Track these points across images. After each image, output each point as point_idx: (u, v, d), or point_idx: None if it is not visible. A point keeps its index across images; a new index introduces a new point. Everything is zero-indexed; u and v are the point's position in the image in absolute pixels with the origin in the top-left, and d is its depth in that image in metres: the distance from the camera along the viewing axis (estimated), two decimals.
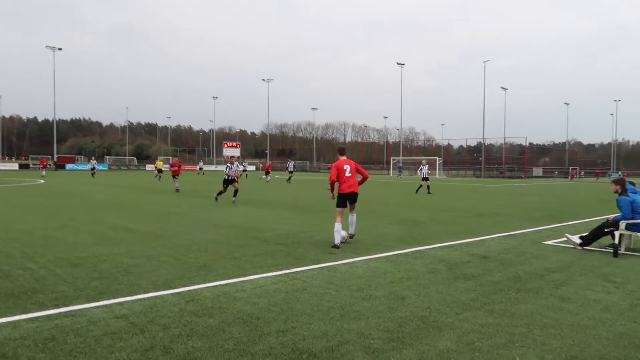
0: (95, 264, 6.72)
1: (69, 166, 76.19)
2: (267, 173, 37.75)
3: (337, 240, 8.33)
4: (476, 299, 5.31)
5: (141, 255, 7.43)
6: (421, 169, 26.12)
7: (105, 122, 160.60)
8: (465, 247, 8.62)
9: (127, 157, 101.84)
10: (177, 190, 23.03)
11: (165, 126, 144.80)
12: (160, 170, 37.40)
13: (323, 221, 12.19)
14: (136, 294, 5.23)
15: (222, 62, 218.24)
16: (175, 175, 24.78)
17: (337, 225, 8.39)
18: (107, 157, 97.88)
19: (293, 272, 6.41)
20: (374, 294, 5.40)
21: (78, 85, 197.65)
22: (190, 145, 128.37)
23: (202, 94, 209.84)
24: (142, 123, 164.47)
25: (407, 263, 7.16)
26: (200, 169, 65.71)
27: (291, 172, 38.65)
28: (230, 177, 17.66)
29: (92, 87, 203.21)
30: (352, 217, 8.92)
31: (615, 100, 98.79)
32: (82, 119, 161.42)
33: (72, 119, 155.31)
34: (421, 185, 25.35)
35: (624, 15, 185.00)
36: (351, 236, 8.91)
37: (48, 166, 48.67)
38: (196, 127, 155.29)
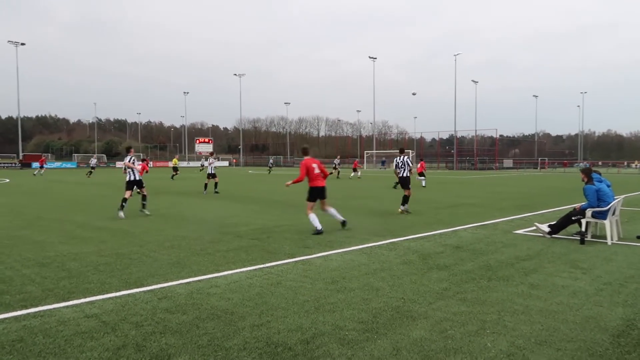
0: (63, 263, 6.56)
1: (35, 165, 73.95)
2: (354, 170, 38.64)
3: (318, 225, 9.09)
4: (449, 288, 5.39)
5: (111, 253, 7.28)
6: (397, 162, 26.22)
7: (72, 119, 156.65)
8: (439, 238, 8.74)
9: (95, 155, 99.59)
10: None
11: (135, 122, 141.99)
12: (176, 169, 35.92)
13: (298, 215, 12.17)
14: (107, 293, 5.13)
15: (193, 56, 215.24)
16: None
17: (312, 216, 9.20)
18: (75, 154, 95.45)
19: (267, 267, 6.38)
20: (349, 286, 5.42)
21: (43, 81, 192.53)
22: (161, 141, 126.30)
23: (172, 89, 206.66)
24: (111, 119, 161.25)
25: (382, 255, 7.22)
26: (202, 165, 64.40)
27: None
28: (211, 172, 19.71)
29: (58, 83, 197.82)
30: (331, 210, 9.69)
31: (581, 93, 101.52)
32: (48, 115, 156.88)
33: (37, 116, 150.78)
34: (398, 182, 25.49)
35: (589, 13, 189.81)
36: (344, 223, 9.72)
37: (45, 165, 47.00)
38: (167, 123, 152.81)
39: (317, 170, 9.54)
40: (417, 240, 8.54)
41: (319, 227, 9.08)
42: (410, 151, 71.20)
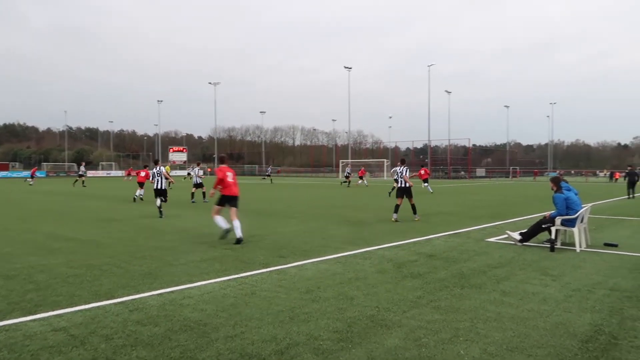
0: (31, 275, 6.37)
1: (1, 174, 71.97)
2: (361, 178, 40.10)
3: (223, 225, 9.33)
4: (423, 296, 5.43)
5: (81, 264, 7.11)
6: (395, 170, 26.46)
7: (42, 127, 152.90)
8: (413, 247, 8.82)
9: (66, 164, 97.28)
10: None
11: (107, 131, 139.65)
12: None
13: (272, 224, 12.13)
14: (76, 305, 5.00)
15: (167, 65, 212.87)
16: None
17: (217, 218, 9.50)
18: (45, 163, 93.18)
19: (242, 277, 6.32)
20: (323, 296, 5.41)
21: (11, 88, 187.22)
22: (134, 150, 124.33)
23: (146, 97, 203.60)
24: (82, 128, 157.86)
25: (356, 264, 7.23)
26: (189, 174, 64.28)
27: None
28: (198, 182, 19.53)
29: (27, 91, 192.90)
30: (236, 222, 9.27)
31: (551, 104, 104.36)
32: (16, 123, 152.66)
33: (5, 124, 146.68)
34: (394, 188, 25.76)
35: (556, 26, 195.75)
36: (239, 240, 9.09)
37: (36, 175, 47.06)
38: (140, 132, 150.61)
39: (230, 179, 9.65)
40: (392, 249, 8.60)
41: (225, 226, 9.28)
42: (385, 160, 72.05)
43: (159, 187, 15.13)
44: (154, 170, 15.56)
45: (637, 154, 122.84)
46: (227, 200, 9.67)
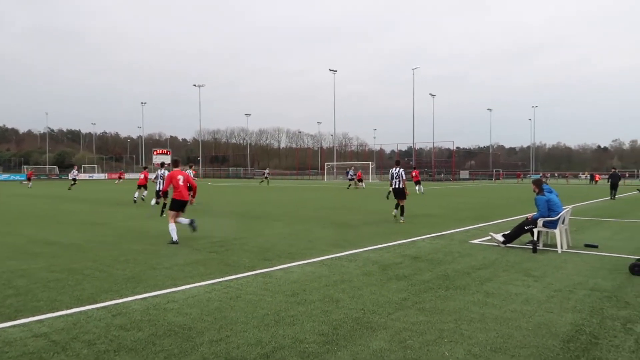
0: (10, 280, 6.25)
1: (22, 176, 70.57)
2: (360, 180, 41.84)
3: (175, 237, 9.40)
4: (408, 298, 5.46)
5: (63, 268, 7.00)
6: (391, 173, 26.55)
7: (22, 129, 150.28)
8: (398, 249, 8.86)
9: (47, 166, 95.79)
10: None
11: (90, 133, 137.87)
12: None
13: (257, 227, 12.09)
14: (58, 310, 4.92)
15: (151, 66, 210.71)
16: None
17: (171, 225, 9.55)
18: (25, 166, 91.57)
19: (227, 280, 6.29)
20: (309, 298, 5.41)
21: None
22: (117, 152, 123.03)
23: (129, 99, 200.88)
24: (64, 130, 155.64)
25: (342, 266, 7.24)
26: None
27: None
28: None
29: (7, 92, 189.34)
30: (187, 220, 9.76)
31: (532, 107, 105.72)
32: None
33: None
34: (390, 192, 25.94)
35: (537, 31, 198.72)
36: (193, 226, 9.74)
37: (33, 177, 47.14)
38: (123, 134, 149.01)
39: (181, 182, 9.83)
40: (377, 251, 8.63)
41: (175, 238, 9.38)
42: (370, 162, 72.35)
43: (159, 188, 16.13)
44: (159, 172, 16.53)
45: (617, 156, 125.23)
46: (179, 205, 9.87)
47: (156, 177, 16.83)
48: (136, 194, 21.44)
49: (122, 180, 55.65)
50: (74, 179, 38.72)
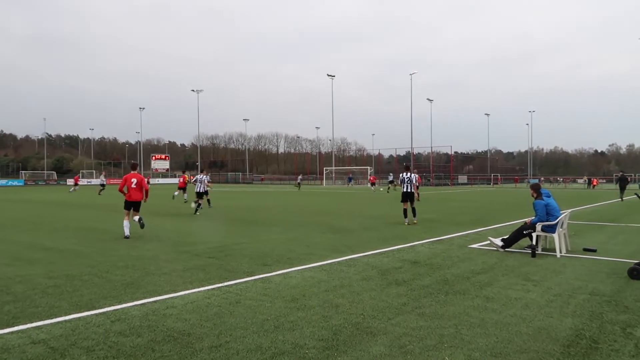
0: (8, 286, 6.22)
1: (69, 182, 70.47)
2: (372, 184, 43.94)
3: (127, 232, 10.92)
4: (407, 303, 5.45)
5: (61, 274, 6.97)
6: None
7: (20, 135, 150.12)
8: (397, 253, 8.85)
9: (45, 172, 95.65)
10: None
11: (88, 138, 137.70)
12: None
13: (256, 232, 12.07)
14: (56, 317, 4.90)
15: (149, 72, 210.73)
16: None
17: (125, 222, 11.07)
18: (23, 172, 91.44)
19: (226, 286, 6.27)
20: (309, 304, 5.40)
21: None
22: (115, 158, 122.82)
23: (127, 104, 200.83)
24: (62, 135, 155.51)
25: (341, 271, 7.23)
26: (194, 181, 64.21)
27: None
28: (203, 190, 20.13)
29: (4, 97, 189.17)
30: (137, 218, 11.18)
31: (530, 112, 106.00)
32: None
33: None
34: (390, 188, 26.70)
35: (534, 37, 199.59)
36: (141, 223, 11.20)
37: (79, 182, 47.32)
38: (122, 139, 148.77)
39: (134, 185, 11.25)
40: (376, 256, 8.62)
41: (127, 233, 10.87)
42: (368, 167, 72.50)
43: (199, 190, 19.14)
44: (198, 177, 19.73)
45: (614, 160, 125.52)
46: (131, 204, 11.27)
47: (196, 181, 19.62)
48: (176, 192, 25.80)
49: (78, 188, 45.79)
50: (103, 184, 38.78)
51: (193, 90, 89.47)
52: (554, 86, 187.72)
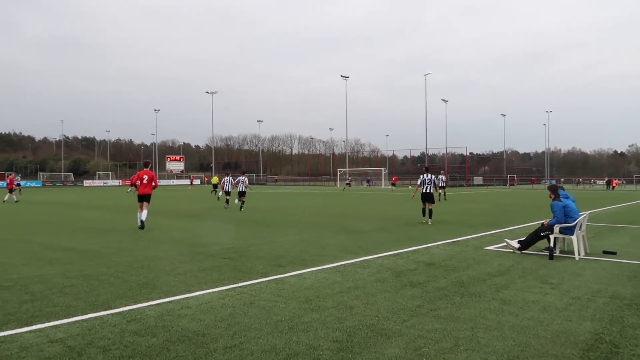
0: (27, 286, 6.31)
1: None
2: (393, 184, 46.04)
3: (140, 222, 12.64)
4: (422, 305, 5.40)
5: (78, 274, 7.05)
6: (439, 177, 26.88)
7: (38, 137, 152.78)
8: (411, 255, 8.79)
9: (62, 173, 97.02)
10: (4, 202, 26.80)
11: (104, 140, 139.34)
12: (215, 186, 37.98)
13: (270, 234, 12.09)
14: (73, 316, 4.95)
15: (164, 74, 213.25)
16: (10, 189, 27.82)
17: (139, 214, 12.80)
18: (41, 173, 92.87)
19: (240, 287, 6.28)
20: (323, 305, 5.38)
21: (7, 98, 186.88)
22: (131, 159, 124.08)
23: (143, 106, 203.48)
24: (79, 137, 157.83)
25: (355, 273, 7.20)
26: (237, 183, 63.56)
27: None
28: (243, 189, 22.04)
29: (23, 100, 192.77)
30: (144, 213, 12.80)
31: (547, 112, 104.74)
32: (12, 133, 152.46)
33: (0, 134, 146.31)
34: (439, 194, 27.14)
35: (551, 35, 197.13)
36: (141, 223, 12.68)
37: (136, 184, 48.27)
38: (137, 141, 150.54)
39: (145, 181, 13.00)
40: (390, 257, 8.57)
41: (140, 223, 12.60)
42: (382, 169, 72.36)
43: (241, 189, 21.47)
44: (240, 178, 21.81)
45: (634, 161, 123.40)
46: (141, 197, 12.96)
47: (237, 182, 21.66)
48: (220, 193, 28.16)
49: (18, 191, 30.91)
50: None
51: (207, 92, 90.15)
52: (571, 85, 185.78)
